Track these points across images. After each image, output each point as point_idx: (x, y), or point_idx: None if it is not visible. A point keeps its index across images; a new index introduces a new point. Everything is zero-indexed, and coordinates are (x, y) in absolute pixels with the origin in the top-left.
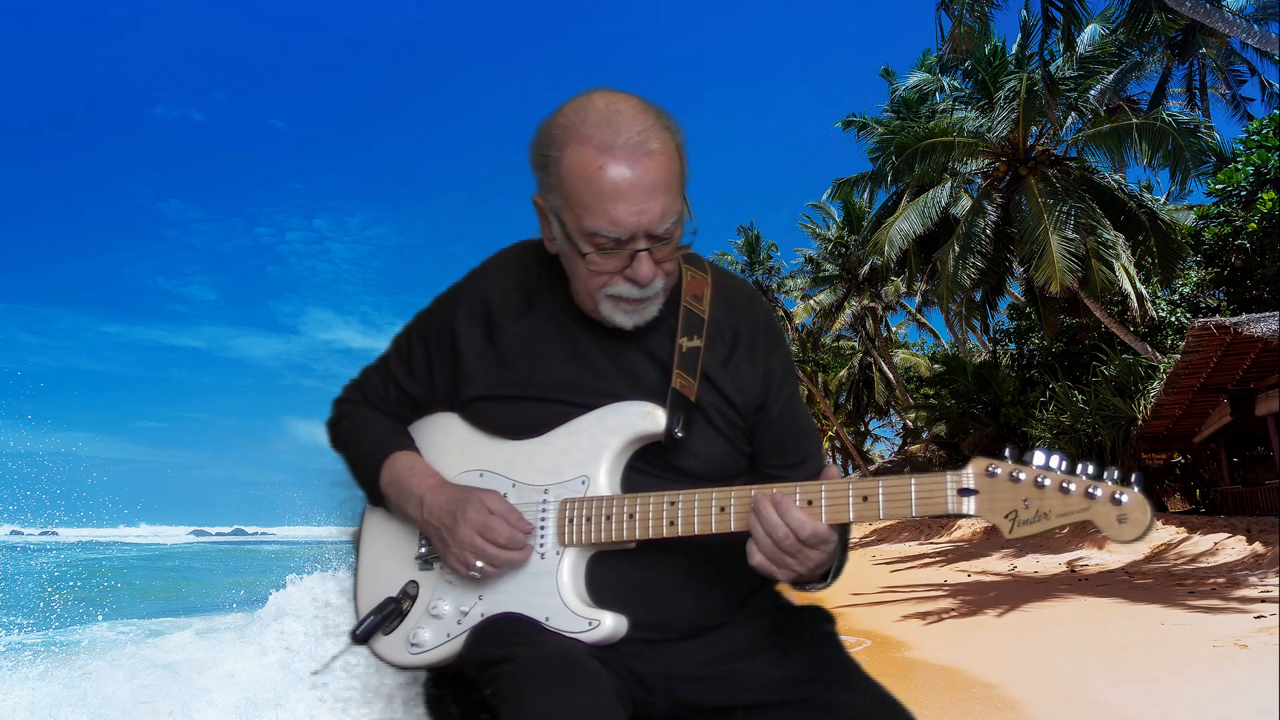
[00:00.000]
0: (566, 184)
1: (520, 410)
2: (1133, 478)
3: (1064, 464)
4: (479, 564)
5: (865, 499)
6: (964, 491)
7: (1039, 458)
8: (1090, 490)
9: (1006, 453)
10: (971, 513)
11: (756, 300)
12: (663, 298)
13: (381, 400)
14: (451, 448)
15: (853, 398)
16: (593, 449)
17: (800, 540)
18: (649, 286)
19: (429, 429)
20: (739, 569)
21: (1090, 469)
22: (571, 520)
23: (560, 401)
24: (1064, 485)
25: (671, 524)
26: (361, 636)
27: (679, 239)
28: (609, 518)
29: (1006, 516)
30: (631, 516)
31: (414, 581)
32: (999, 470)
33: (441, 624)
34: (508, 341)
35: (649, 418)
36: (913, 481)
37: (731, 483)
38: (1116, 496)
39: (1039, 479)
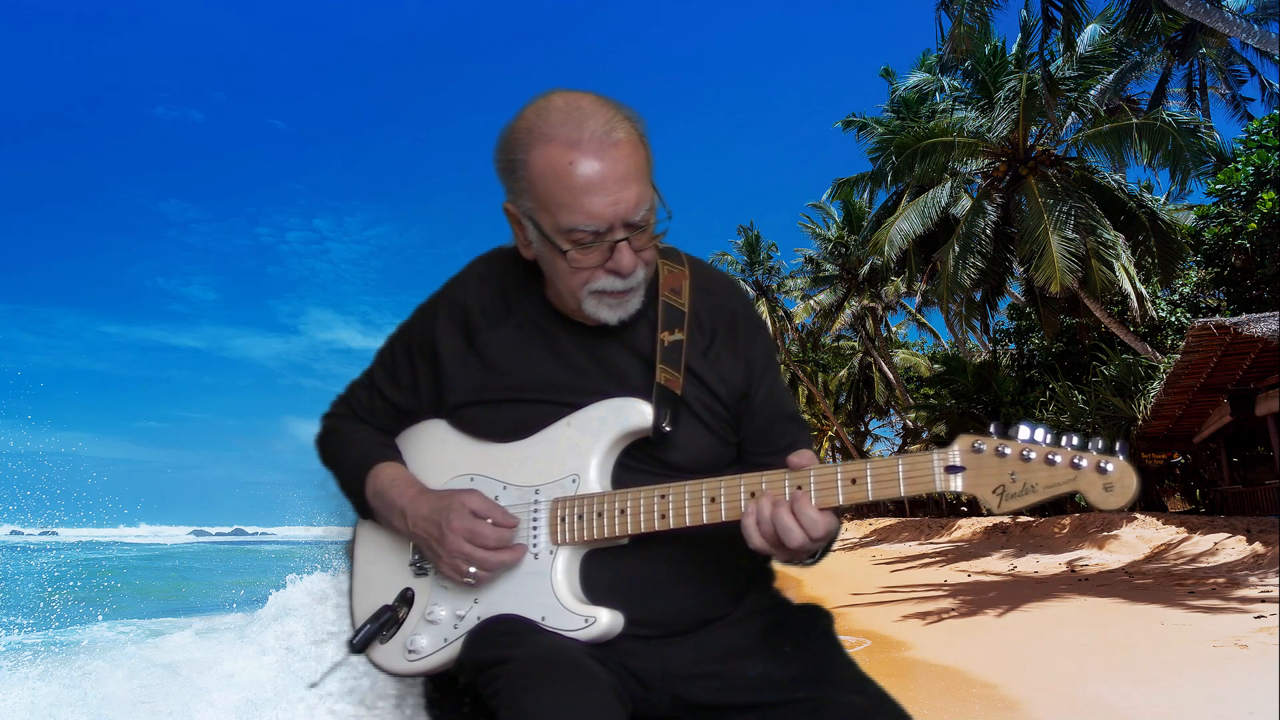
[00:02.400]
0: (537, 185)
1: (506, 413)
2: (1117, 445)
3: (1049, 436)
4: (471, 570)
5: (854, 481)
6: (951, 469)
7: (1023, 431)
8: (1076, 461)
9: (992, 428)
10: (959, 489)
11: (735, 290)
12: (644, 289)
13: (368, 413)
14: (441, 453)
15: (853, 398)
16: (582, 447)
17: (812, 539)
18: (631, 277)
19: (417, 437)
20: (734, 563)
21: (1075, 440)
22: (564, 519)
23: (546, 402)
24: (1050, 457)
25: (663, 517)
26: (359, 646)
27: (654, 227)
28: (600, 515)
29: (994, 491)
30: (623, 512)
31: (409, 588)
32: (984, 446)
33: (438, 629)
34: (489, 347)
35: (636, 413)
36: (900, 462)
37: (718, 475)
38: (1102, 466)
39: (1024, 452)
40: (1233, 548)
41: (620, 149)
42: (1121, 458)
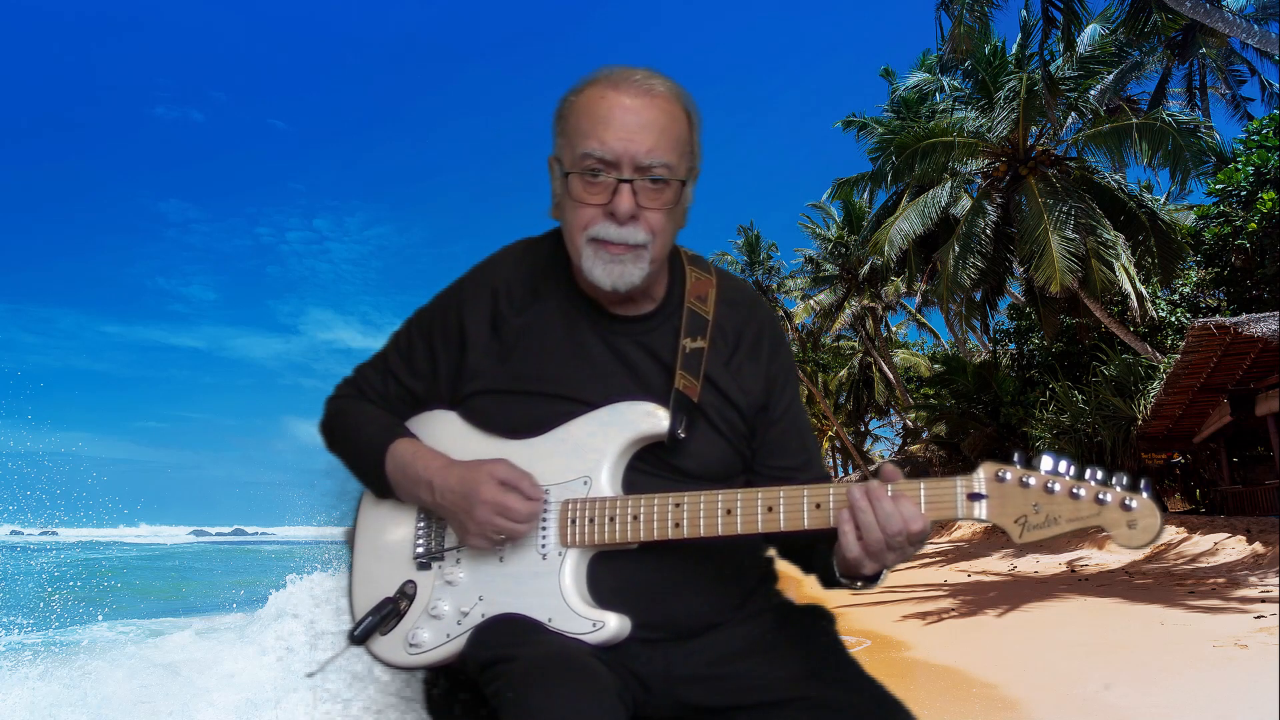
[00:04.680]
0: (569, 120)
1: (520, 407)
2: (1142, 483)
3: (1072, 469)
4: (501, 538)
5: None
6: (974, 496)
7: (1047, 462)
8: (1100, 496)
9: (1015, 458)
10: (982, 518)
11: (760, 303)
12: (646, 263)
13: (380, 397)
14: (451, 447)
15: (853, 398)
16: (595, 449)
17: (911, 533)
18: (628, 229)
19: (427, 428)
20: (740, 568)
21: (1099, 474)
22: (574, 521)
23: (561, 398)
24: (1074, 491)
25: (676, 526)
26: (359, 638)
27: (670, 200)
28: (612, 519)
29: (1016, 521)
30: (635, 518)
31: (411, 581)
32: (1009, 475)
33: (441, 624)
34: (512, 333)
35: (652, 418)
36: (922, 486)
37: (729, 484)
38: (1127, 502)
39: (1049, 484)
40: (1233, 548)
41: (654, 99)
42: (1146, 495)
